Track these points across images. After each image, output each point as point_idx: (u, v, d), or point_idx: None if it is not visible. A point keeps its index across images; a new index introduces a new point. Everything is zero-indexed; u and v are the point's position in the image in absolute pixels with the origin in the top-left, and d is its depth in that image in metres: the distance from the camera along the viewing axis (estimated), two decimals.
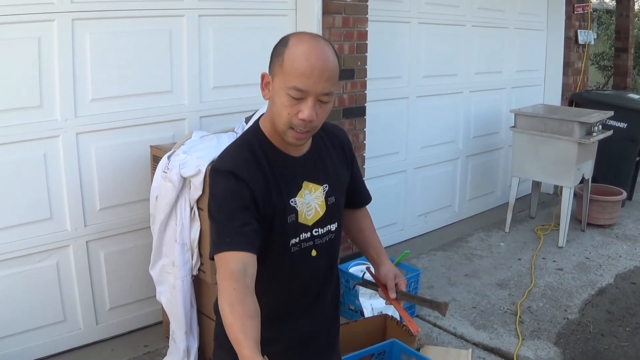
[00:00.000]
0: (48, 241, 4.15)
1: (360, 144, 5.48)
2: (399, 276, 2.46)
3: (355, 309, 4.84)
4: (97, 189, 4.30)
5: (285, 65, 2.07)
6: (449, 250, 6.42)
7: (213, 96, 4.76)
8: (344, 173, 2.48)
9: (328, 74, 2.07)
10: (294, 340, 2.42)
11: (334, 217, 2.39)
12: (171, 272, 3.98)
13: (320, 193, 2.33)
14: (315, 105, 2.08)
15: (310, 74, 2.04)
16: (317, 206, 2.33)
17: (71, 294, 4.33)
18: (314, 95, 2.06)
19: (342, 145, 2.49)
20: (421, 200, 6.71)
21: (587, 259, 6.20)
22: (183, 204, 3.87)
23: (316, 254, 2.35)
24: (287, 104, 2.08)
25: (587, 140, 6.22)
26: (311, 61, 2.04)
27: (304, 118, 2.07)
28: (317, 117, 2.10)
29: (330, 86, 2.09)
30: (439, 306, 2.43)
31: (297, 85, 2.04)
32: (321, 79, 2.05)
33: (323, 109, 2.12)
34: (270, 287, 2.30)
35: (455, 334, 4.77)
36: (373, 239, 2.67)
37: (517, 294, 5.41)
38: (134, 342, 4.52)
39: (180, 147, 4.00)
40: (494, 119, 7.43)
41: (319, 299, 2.46)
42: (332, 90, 2.11)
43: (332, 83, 2.10)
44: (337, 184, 2.40)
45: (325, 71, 2.06)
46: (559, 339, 4.69)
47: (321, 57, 2.06)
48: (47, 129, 4.01)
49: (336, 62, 2.12)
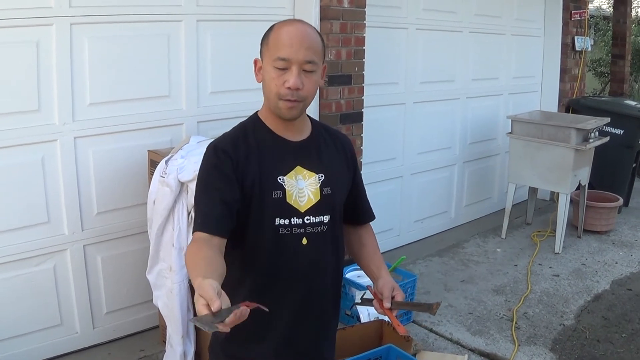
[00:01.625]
0: (45, 245, 4.14)
1: (357, 150, 5.47)
2: (396, 288, 2.46)
3: (351, 314, 4.85)
4: (95, 193, 4.30)
5: (270, 43, 2.25)
6: (446, 256, 6.43)
7: (211, 101, 4.76)
8: (344, 173, 2.51)
9: (308, 43, 2.22)
10: (280, 336, 2.41)
11: (328, 208, 2.40)
12: (168, 277, 3.98)
13: (314, 180, 2.36)
14: (300, 74, 2.21)
15: (290, 43, 2.20)
16: (310, 193, 2.35)
17: (68, 297, 4.33)
18: (297, 64, 2.21)
19: (344, 148, 2.55)
20: (418, 206, 6.72)
21: (583, 265, 6.21)
22: (180, 209, 3.88)
23: (307, 243, 2.35)
24: (274, 76, 2.23)
25: (584, 147, 6.23)
26: (291, 33, 2.22)
27: (289, 86, 2.20)
28: (303, 86, 2.22)
29: (312, 54, 2.23)
30: (430, 307, 2.44)
31: (280, 55, 2.20)
32: (301, 47, 2.20)
33: (309, 79, 2.24)
34: (254, 267, 2.33)
35: (452, 339, 4.77)
36: (375, 256, 2.66)
37: (514, 300, 5.41)
38: (130, 346, 4.52)
39: (177, 151, 4.00)
40: (490, 125, 7.45)
41: (309, 298, 2.44)
42: (315, 60, 2.24)
43: (314, 52, 2.24)
44: (334, 177, 2.43)
45: (305, 40, 2.22)
46: (555, 345, 4.69)
47: (300, 30, 2.24)
48: (45, 133, 4.02)
49: (317, 37, 2.29)
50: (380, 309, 2.45)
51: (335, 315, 2.67)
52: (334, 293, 2.59)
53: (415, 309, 2.68)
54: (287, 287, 2.36)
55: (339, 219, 2.50)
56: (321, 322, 2.55)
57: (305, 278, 2.40)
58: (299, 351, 2.48)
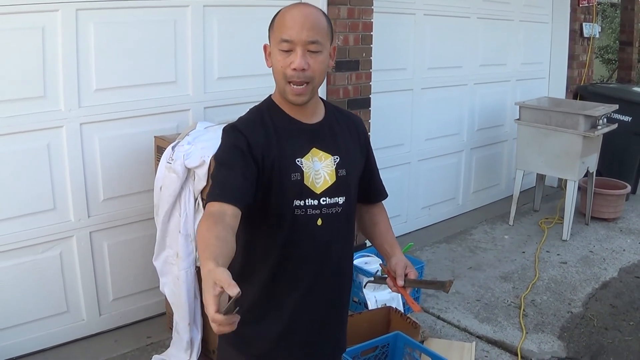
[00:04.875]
0: (51, 232, 4.14)
1: None
2: (409, 266, 2.45)
3: (359, 301, 4.83)
4: (101, 180, 4.30)
5: (275, 27, 2.26)
6: (453, 242, 6.42)
7: (217, 87, 4.75)
8: (357, 154, 2.51)
9: (311, 23, 2.21)
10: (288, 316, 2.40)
11: (343, 190, 2.40)
12: (175, 263, 3.97)
13: (330, 162, 2.37)
14: (305, 55, 2.21)
15: (292, 24, 2.20)
16: (326, 175, 2.35)
17: (74, 284, 4.33)
18: (301, 45, 2.20)
19: (357, 129, 2.55)
20: (425, 193, 6.70)
21: (591, 252, 6.19)
22: (187, 195, 3.86)
23: (322, 224, 2.35)
24: (280, 59, 2.23)
25: (592, 134, 6.20)
26: (294, 15, 2.22)
27: (295, 67, 2.20)
28: (309, 66, 2.23)
29: (315, 34, 2.21)
30: (444, 285, 2.42)
31: (283, 37, 2.21)
32: (304, 27, 2.19)
33: (315, 59, 2.23)
34: (268, 249, 2.34)
35: (459, 326, 4.77)
36: (388, 234, 2.68)
37: (521, 287, 5.40)
38: (137, 333, 4.52)
39: (184, 137, 3.99)
40: (498, 111, 7.42)
41: (320, 281, 2.43)
42: (318, 39, 2.22)
43: (317, 32, 2.22)
44: (349, 159, 2.43)
45: (308, 20, 2.21)
46: (563, 333, 4.68)
47: (303, 12, 2.23)
48: (51, 119, 4.00)
49: (322, 18, 2.27)
50: (394, 287, 2.45)
51: (346, 300, 2.66)
52: (345, 278, 2.60)
53: (428, 286, 2.66)
54: (298, 267, 2.36)
55: (353, 200, 2.49)
56: (331, 306, 2.54)
57: (318, 259, 2.39)
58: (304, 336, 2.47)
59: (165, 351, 4.19)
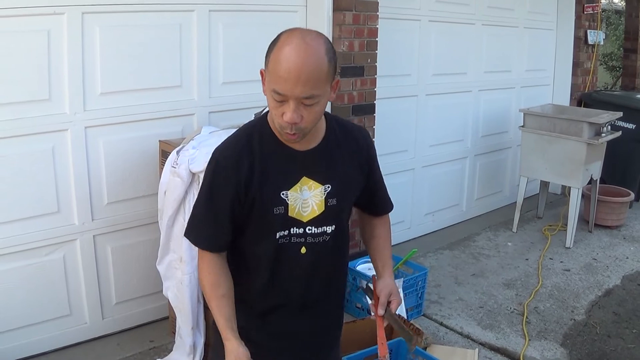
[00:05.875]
0: (55, 235, 4.14)
1: None
2: (394, 295, 2.45)
3: (362, 306, 4.83)
4: (105, 183, 4.30)
5: (269, 66, 2.09)
6: (456, 249, 6.41)
7: (222, 92, 4.75)
8: (356, 177, 2.45)
9: (306, 77, 2.02)
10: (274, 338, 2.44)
11: (332, 219, 2.36)
12: (178, 268, 3.97)
13: (320, 192, 2.31)
14: (299, 107, 2.07)
15: (286, 78, 2.02)
16: (314, 204, 2.31)
17: (78, 288, 4.33)
18: (294, 99, 2.05)
19: (359, 144, 2.45)
20: (429, 199, 6.70)
21: (594, 259, 6.18)
22: (191, 200, 3.85)
23: (305, 252, 2.34)
24: (272, 105, 2.12)
25: (596, 141, 6.20)
26: (289, 64, 2.02)
27: (287, 120, 2.08)
28: (302, 119, 2.09)
29: (310, 89, 2.04)
30: (411, 339, 2.52)
31: (275, 88, 2.06)
32: (297, 83, 2.02)
33: (309, 111, 2.10)
34: (253, 269, 2.36)
35: (462, 333, 4.76)
36: (384, 251, 2.65)
37: (524, 294, 5.39)
38: (140, 337, 4.52)
39: (189, 142, 3.99)
40: (502, 118, 7.42)
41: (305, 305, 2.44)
42: (314, 93, 2.06)
43: (313, 86, 2.05)
44: (342, 186, 2.37)
45: (303, 74, 2.01)
46: (566, 340, 4.67)
47: (300, 60, 2.02)
48: (56, 122, 4.01)
49: (320, 63, 2.06)
50: (374, 315, 2.46)
51: (337, 315, 2.66)
52: (335, 299, 2.59)
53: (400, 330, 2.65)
54: (285, 289, 2.38)
55: (345, 227, 2.48)
56: (321, 324, 2.55)
57: (304, 282, 2.39)
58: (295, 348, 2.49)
59: (167, 355, 4.19)
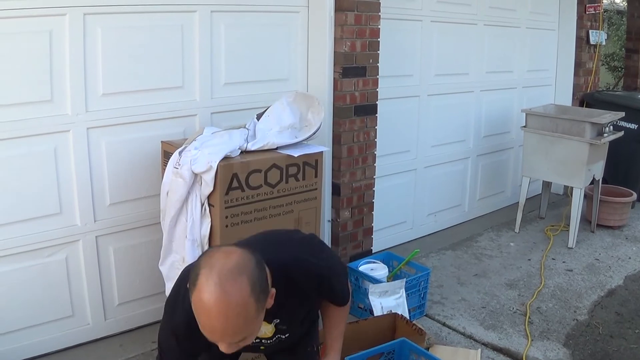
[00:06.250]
0: (57, 236, 4.14)
1: (371, 142, 5.47)
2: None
3: (364, 307, 4.83)
4: (108, 184, 4.30)
5: (192, 303, 2.03)
6: (459, 249, 6.41)
7: (224, 92, 4.74)
8: (306, 306, 2.60)
9: (233, 332, 2.01)
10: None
11: (285, 331, 2.53)
12: (181, 268, 3.95)
13: (270, 327, 2.48)
14: (232, 345, 2.07)
15: (211, 335, 2.02)
16: (266, 330, 2.47)
17: (80, 289, 4.33)
18: (226, 344, 2.07)
19: (307, 295, 2.51)
20: (431, 199, 6.69)
21: (596, 260, 6.18)
22: (194, 200, 3.86)
23: (265, 348, 2.58)
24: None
25: (599, 141, 6.19)
26: (211, 322, 1.98)
27: (222, 351, 2.10)
28: (238, 346, 2.10)
29: (241, 335, 2.04)
30: None
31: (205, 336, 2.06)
32: (224, 337, 2.02)
33: (244, 342, 2.11)
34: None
35: (465, 333, 4.76)
36: (333, 330, 2.77)
37: (527, 295, 5.39)
38: (142, 338, 4.51)
39: (191, 142, 3.99)
40: (504, 118, 7.41)
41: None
42: (246, 335, 2.07)
43: (240, 332, 2.03)
44: (292, 319, 2.53)
45: (229, 331, 2.00)
46: (568, 340, 4.67)
47: (222, 318, 1.97)
48: (58, 123, 4.01)
49: (247, 310, 2.00)
50: None
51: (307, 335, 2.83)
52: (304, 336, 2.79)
53: None
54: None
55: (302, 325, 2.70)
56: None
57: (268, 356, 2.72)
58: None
59: None
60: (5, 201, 3.89)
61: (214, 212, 3.88)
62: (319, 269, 2.45)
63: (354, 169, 5.39)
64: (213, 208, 3.88)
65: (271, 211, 4.11)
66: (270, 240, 2.47)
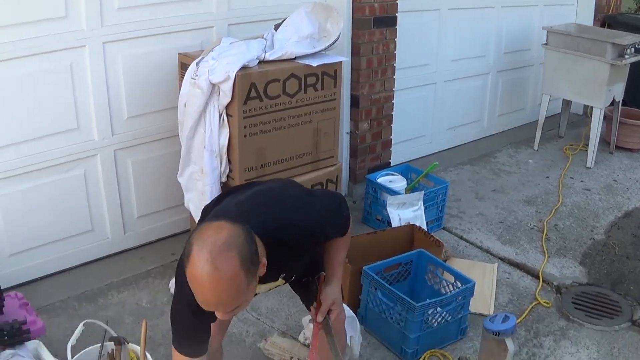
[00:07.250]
0: (75, 151, 4.16)
1: (390, 54, 5.41)
2: (336, 305, 2.67)
3: (382, 219, 4.85)
4: (125, 98, 4.28)
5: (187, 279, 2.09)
6: (477, 164, 6.41)
7: (242, 3, 4.66)
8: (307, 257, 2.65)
9: (226, 303, 2.07)
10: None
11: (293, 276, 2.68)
12: (199, 179, 3.98)
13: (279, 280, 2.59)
14: (226, 313, 2.15)
15: (206, 305, 2.09)
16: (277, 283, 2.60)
17: (99, 203, 4.37)
18: (221, 312, 2.15)
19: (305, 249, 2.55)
20: (450, 114, 6.64)
21: (614, 181, 6.15)
22: (212, 111, 3.85)
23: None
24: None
25: (620, 62, 6.09)
26: (205, 297, 2.05)
27: (218, 317, 2.20)
28: (234, 312, 2.17)
29: (233, 304, 2.11)
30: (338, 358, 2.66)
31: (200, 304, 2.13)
32: (218, 307, 2.10)
33: (240, 307, 2.17)
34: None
35: (482, 247, 4.78)
36: (333, 261, 2.75)
37: (544, 212, 5.39)
38: (162, 250, 4.58)
39: (209, 53, 3.95)
40: (525, 35, 7.28)
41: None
42: (239, 304, 2.13)
43: (233, 302, 2.09)
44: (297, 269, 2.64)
45: (222, 303, 2.07)
46: (585, 259, 4.69)
47: (215, 292, 2.03)
48: (73, 39, 3.97)
49: (238, 284, 2.04)
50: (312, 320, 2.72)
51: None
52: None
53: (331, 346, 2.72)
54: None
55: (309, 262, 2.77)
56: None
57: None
58: None
59: None
60: (22, 119, 3.89)
61: (232, 122, 3.86)
62: (310, 228, 2.47)
63: (373, 81, 5.33)
64: (231, 118, 3.87)
65: (290, 121, 4.10)
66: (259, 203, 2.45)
